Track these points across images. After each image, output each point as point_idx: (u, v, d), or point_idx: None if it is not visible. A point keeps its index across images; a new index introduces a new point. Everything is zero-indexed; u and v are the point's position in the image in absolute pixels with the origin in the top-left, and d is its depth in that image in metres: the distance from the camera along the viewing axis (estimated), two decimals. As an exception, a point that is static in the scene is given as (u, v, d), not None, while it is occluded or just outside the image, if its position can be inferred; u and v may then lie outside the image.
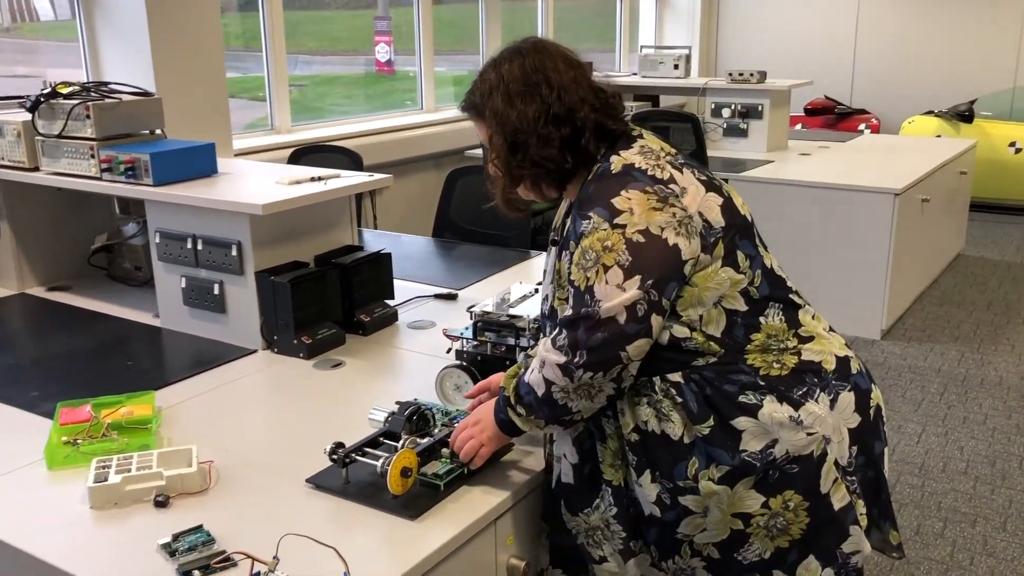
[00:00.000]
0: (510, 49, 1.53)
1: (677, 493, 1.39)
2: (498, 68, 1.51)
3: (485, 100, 1.51)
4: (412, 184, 5.09)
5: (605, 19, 7.66)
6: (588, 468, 1.48)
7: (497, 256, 2.91)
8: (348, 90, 6.09)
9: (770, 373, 1.38)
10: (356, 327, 2.19)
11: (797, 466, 1.36)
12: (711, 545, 1.40)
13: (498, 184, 1.53)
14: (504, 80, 1.48)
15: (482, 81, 1.53)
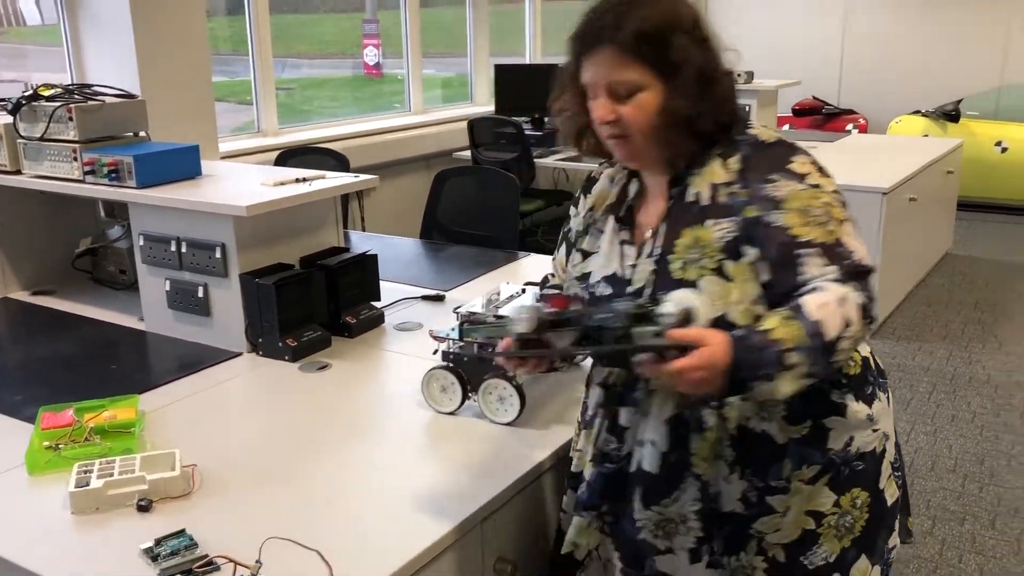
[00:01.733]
0: None
1: (766, 492, 1.38)
2: (649, 6, 1.35)
3: (652, 35, 1.34)
4: (401, 186, 5.08)
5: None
6: (675, 458, 1.40)
7: (485, 257, 2.90)
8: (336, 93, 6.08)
9: (848, 371, 1.39)
10: (342, 329, 2.17)
11: (863, 463, 1.39)
12: (779, 546, 1.39)
13: (638, 129, 1.36)
14: (682, 20, 1.36)
15: (640, 13, 1.36)
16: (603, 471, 1.47)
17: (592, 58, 1.35)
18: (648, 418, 1.42)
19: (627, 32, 1.33)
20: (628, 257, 1.42)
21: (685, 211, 1.37)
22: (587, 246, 1.49)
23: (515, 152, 5.04)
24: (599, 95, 1.37)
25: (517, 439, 1.67)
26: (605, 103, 1.36)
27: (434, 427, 1.73)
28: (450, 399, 1.76)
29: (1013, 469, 3.17)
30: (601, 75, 1.35)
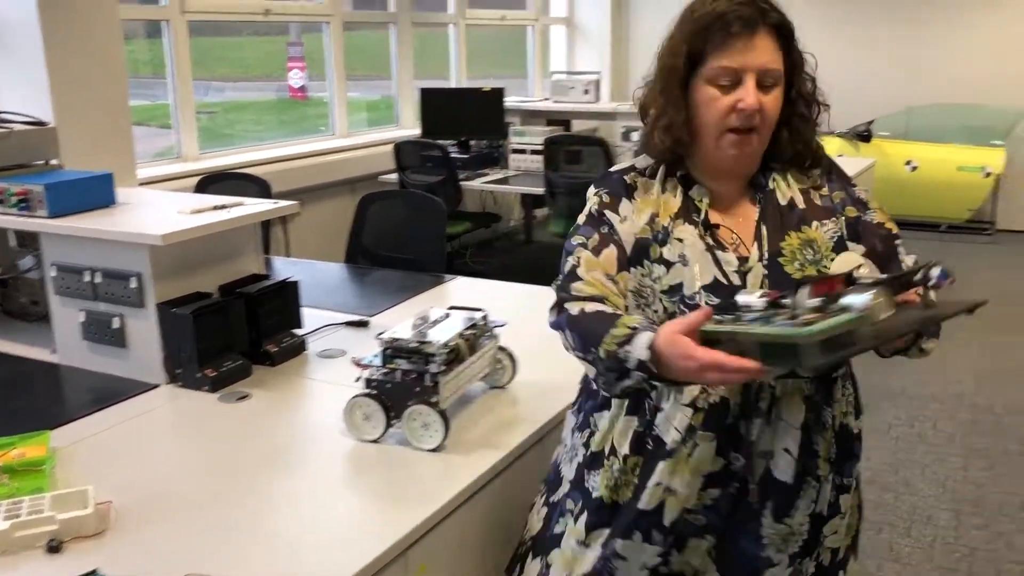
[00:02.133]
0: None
1: (841, 491, 1.43)
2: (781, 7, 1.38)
3: (792, 30, 1.38)
4: (326, 210, 5.04)
5: (517, 45, 7.74)
6: (803, 464, 1.38)
7: (411, 281, 2.89)
8: (260, 116, 6.02)
9: None
10: (263, 358, 2.14)
11: None
12: (829, 550, 1.45)
13: (770, 124, 1.37)
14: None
15: (781, 8, 1.38)
16: (729, 491, 1.39)
17: (749, 39, 1.31)
18: (780, 425, 1.38)
19: (781, 18, 1.36)
20: (729, 263, 1.36)
21: (782, 214, 1.41)
22: (668, 256, 1.38)
23: (441, 175, 5.06)
24: (744, 81, 1.32)
25: (442, 465, 1.66)
26: (755, 90, 1.32)
27: (357, 455, 1.71)
28: (373, 427, 1.75)
29: (926, 478, 3.28)
30: (757, 60, 1.32)
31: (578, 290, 1.37)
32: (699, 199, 1.41)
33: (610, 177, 1.46)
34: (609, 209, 1.42)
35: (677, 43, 1.36)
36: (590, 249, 1.39)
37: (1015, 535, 2.90)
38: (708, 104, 1.34)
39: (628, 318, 1.30)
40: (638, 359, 1.23)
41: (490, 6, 7.16)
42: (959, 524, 2.97)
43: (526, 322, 2.41)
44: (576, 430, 1.54)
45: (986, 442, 3.55)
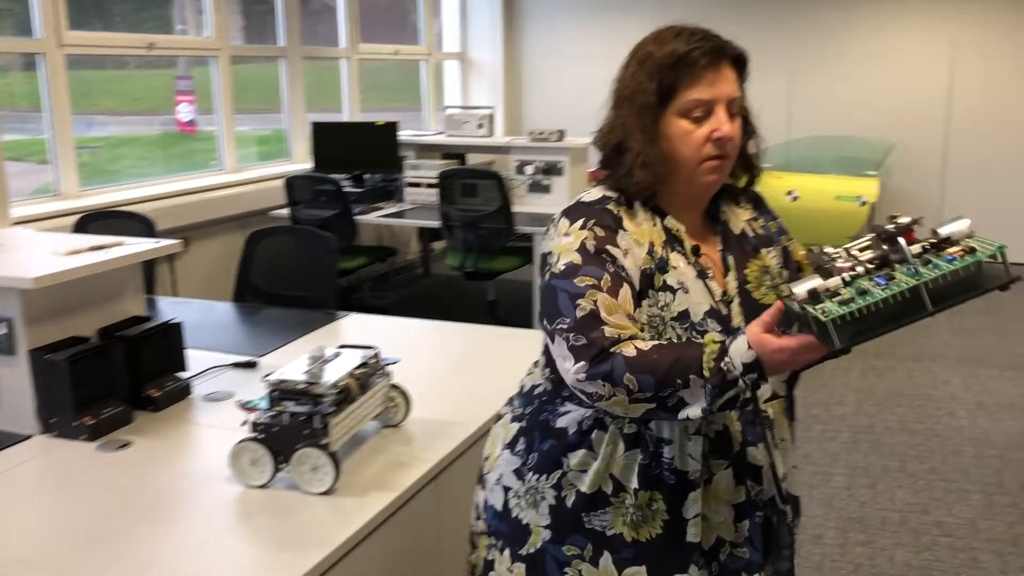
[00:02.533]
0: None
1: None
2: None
3: (747, 62, 1.44)
4: (215, 247, 4.92)
5: (411, 79, 7.77)
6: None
7: (302, 319, 2.84)
8: (147, 151, 5.84)
9: None
10: (145, 403, 2.06)
11: None
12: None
13: (737, 149, 1.44)
14: None
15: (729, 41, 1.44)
16: (756, 521, 1.44)
17: (716, 71, 1.38)
18: (781, 446, 1.48)
19: (737, 51, 1.42)
20: (715, 292, 1.42)
21: (740, 243, 1.50)
22: (671, 283, 1.39)
23: (335, 209, 5.00)
24: (716, 112, 1.38)
25: (334, 508, 1.63)
26: (729, 119, 1.39)
27: (245, 502, 1.66)
28: (261, 472, 1.71)
29: (813, 498, 3.39)
30: (727, 89, 1.39)
31: (613, 332, 1.29)
32: (676, 229, 1.44)
33: (593, 208, 1.41)
34: (609, 244, 1.37)
35: (643, 81, 1.40)
36: (605, 291, 1.32)
37: (896, 549, 3.02)
38: (683, 137, 1.39)
39: (708, 336, 1.34)
40: (743, 363, 1.23)
41: (383, 40, 7.18)
42: (845, 541, 3.08)
43: (420, 358, 2.40)
44: (530, 471, 1.46)
45: (867, 460, 3.70)
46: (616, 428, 1.40)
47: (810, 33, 7.49)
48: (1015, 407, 4.27)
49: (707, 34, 1.40)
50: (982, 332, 5.44)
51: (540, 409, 1.50)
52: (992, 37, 7.07)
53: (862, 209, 7.16)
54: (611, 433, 1.41)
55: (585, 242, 1.36)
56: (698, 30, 1.41)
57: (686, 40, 1.38)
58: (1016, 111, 7.10)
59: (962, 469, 3.61)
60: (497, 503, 1.51)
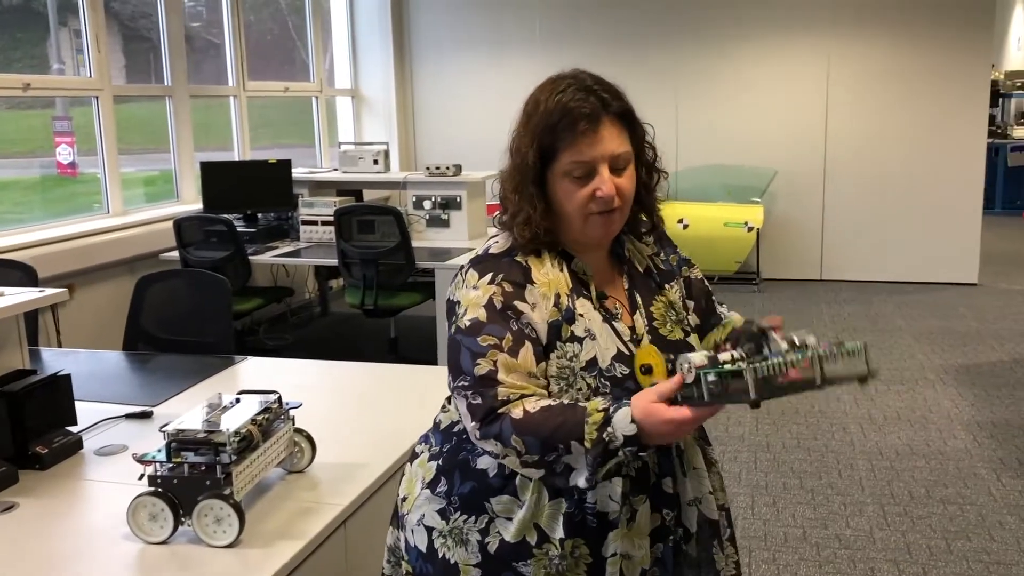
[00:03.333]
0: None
1: (729, 514, 1.64)
2: (614, 84, 1.46)
3: (633, 112, 1.45)
4: (102, 294, 4.72)
5: (303, 116, 7.68)
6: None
7: (197, 365, 2.74)
8: (24, 196, 5.59)
9: None
10: (31, 461, 1.95)
11: None
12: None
13: (629, 200, 1.45)
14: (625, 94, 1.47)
15: (620, 94, 1.44)
16: (670, 544, 1.47)
17: (595, 132, 1.37)
18: (693, 473, 1.50)
19: (622, 105, 1.42)
20: (623, 333, 1.43)
21: (644, 281, 1.52)
22: (578, 332, 1.40)
23: (228, 250, 4.88)
24: (599, 171, 1.38)
25: (239, 561, 1.57)
26: (610, 178, 1.38)
27: (145, 560, 1.59)
28: (160, 527, 1.63)
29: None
30: (608, 148, 1.39)
31: (504, 394, 1.33)
32: (582, 272, 1.47)
33: (500, 261, 1.43)
34: (516, 300, 1.38)
35: (526, 141, 1.40)
36: (506, 351, 1.35)
37: (799, 565, 3.10)
38: (568, 196, 1.40)
39: (592, 403, 1.31)
40: (624, 435, 1.26)
41: (270, 77, 7.08)
42: (750, 560, 3.14)
43: (322, 400, 2.35)
44: (456, 511, 1.44)
45: (767, 479, 3.80)
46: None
47: (695, 67, 7.77)
48: (901, 419, 4.47)
49: (590, 89, 1.40)
50: (867, 349, 5.68)
51: (459, 447, 1.48)
52: (864, 64, 7.47)
53: (749, 235, 7.43)
54: (535, 481, 1.39)
55: (492, 298, 1.38)
56: (585, 83, 1.41)
57: (571, 95, 1.38)
58: (884, 139, 7.51)
59: (857, 482, 3.75)
60: (421, 544, 1.49)
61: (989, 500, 3.53)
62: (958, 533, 3.28)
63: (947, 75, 7.28)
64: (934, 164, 7.42)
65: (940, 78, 7.30)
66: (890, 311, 6.67)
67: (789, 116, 7.68)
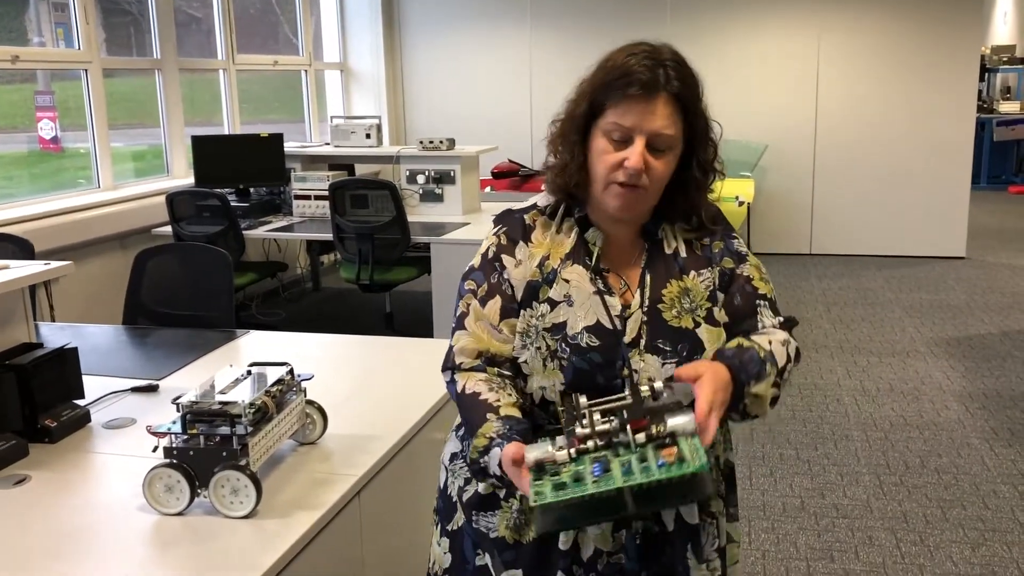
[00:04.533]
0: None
1: (731, 520, 1.56)
2: (694, 72, 1.42)
3: (694, 101, 1.41)
4: (94, 268, 4.69)
5: (292, 91, 7.61)
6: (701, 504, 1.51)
7: (199, 339, 2.73)
8: (8, 171, 5.53)
9: None
10: (41, 435, 1.94)
11: None
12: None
13: (658, 184, 1.40)
14: (701, 86, 1.43)
15: (691, 80, 1.40)
16: (634, 533, 1.44)
17: (643, 104, 1.34)
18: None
19: (683, 89, 1.37)
20: (613, 307, 1.41)
21: (665, 262, 1.46)
22: (554, 295, 1.42)
23: (221, 225, 4.84)
24: (635, 141, 1.35)
25: (256, 531, 1.57)
26: (643, 152, 1.35)
27: (161, 531, 1.58)
28: (177, 499, 1.63)
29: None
30: (650, 123, 1.35)
31: (461, 352, 1.45)
32: (593, 242, 1.46)
33: (511, 216, 1.51)
34: (505, 253, 1.47)
35: (584, 91, 1.41)
36: (478, 299, 1.46)
37: (798, 535, 3.14)
38: (599, 155, 1.39)
39: (487, 425, 1.36)
40: (493, 472, 1.34)
41: (260, 51, 7.01)
42: (750, 530, 3.17)
43: (325, 373, 2.35)
44: (461, 458, 1.54)
45: (764, 450, 3.84)
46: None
47: (687, 40, 7.67)
48: (894, 391, 4.51)
49: (661, 61, 1.37)
50: (858, 323, 5.73)
51: None
52: (855, 38, 7.47)
53: (740, 209, 7.43)
54: None
55: (490, 247, 1.49)
56: (659, 55, 1.38)
57: (638, 60, 1.36)
58: (875, 113, 7.52)
59: (852, 453, 3.79)
60: (440, 481, 1.61)
61: (982, 469, 3.58)
62: (953, 502, 3.33)
63: (937, 50, 7.30)
64: (923, 139, 7.45)
65: (930, 53, 7.32)
66: (880, 285, 6.72)
67: (780, 90, 7.67)
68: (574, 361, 1.39)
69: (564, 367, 1.40)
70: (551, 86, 8.08)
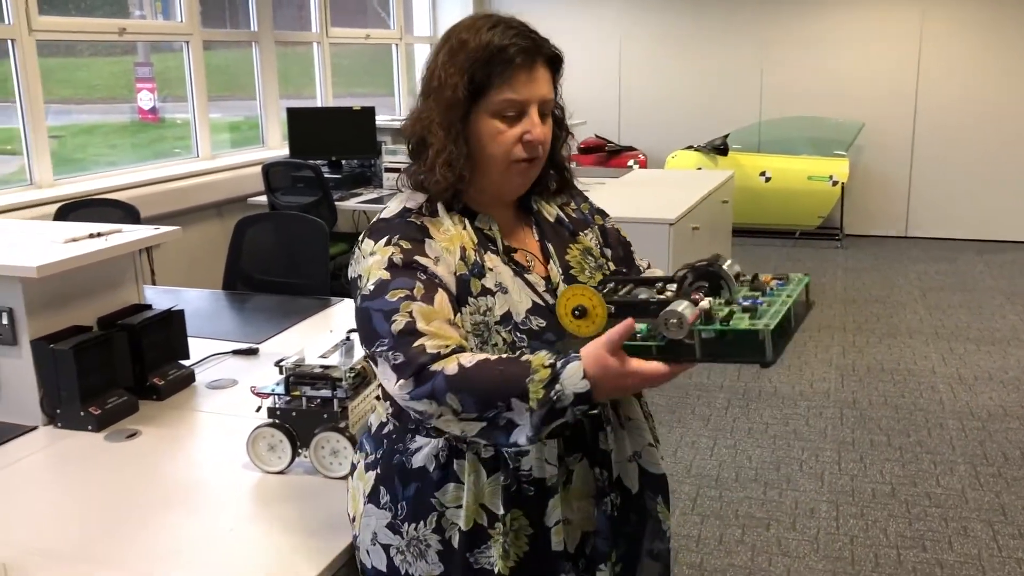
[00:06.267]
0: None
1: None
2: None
3: (563, 60, 1.39)
4: (192, 235, 4.84)
5: (382, 65, 7.69)
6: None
7: (295, 306, 2.81)
8: (111, 140, 5.73)
9: None
10: (149, 392, 2.03)
11: None
12: None
13: (546, 150, 1.39)
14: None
15: (547, 39, 1.37)
16: (604, 508, 1.38)
17: (527, 73, 1.31)
18: (630, 425, 1.44)
19: (554, 49, 1.36)
20: (538, 284, 1.37)
21: (555, 230, 1.46)
22: (489, 285, 1.33)
23: (315, 196, 4.94)
24: (529, 113, 1.32)
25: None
26: (541, 122, 1.33)
27: (263, 488, 1.64)
28: (279, 457, 1.69)
29: (805, 473, 3.43)
30: (539, 91, 1.33)
31: (433, 347, 1.22)
32: (488, 227, 1.39)
33: (392, 223, 1.35)
34: (416, 254, 1.30)
35: (453, 75, 1.30)
36: (419, 299, 1.25)
37: (888, 521, 3.07)
38: (493, 137, 1.32)
39: (535, 357, 1.19)
40: (575, 393, 1.15)
41: (348, 25, 7.09)
42: (839, 515, 3.12)
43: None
44: (404, 523, 1.34)
45: (854, 435, 3.76)
46: (472, 454, 1.31)
47: (781, 14, 7.54)
48: (993, 380, 4.35)
49: (524, 30, 1.33)
50: (955, 309, 5.54)
51: (391, 451, 1.37)
52: (959, 16, 7.16)
53: (833, 189, 7.25)
54: (470, 460, 1.31)
55: (392, 257, 1.29)
56: (515, 24, 1.33)
57: (501, 33, 1.30)
58: (980, 91, 7.21)
59: (947, 441, 3.68)
60: (380, 564, 1.37)
61: (1088, 464, 3.44)
62: (1055, 496, 3.21)
63: (1050, 24, 6.95)
64: (1032, 118, 7.12)
65: (1043, 27, 6.97)
66: (979, 270, 6.47)
67: (879, 67, 7.42)
68: (533, 347, 1.30)
69: None
70: (641, 63, 7.99)
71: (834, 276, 6.35)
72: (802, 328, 1.22)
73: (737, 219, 6.82)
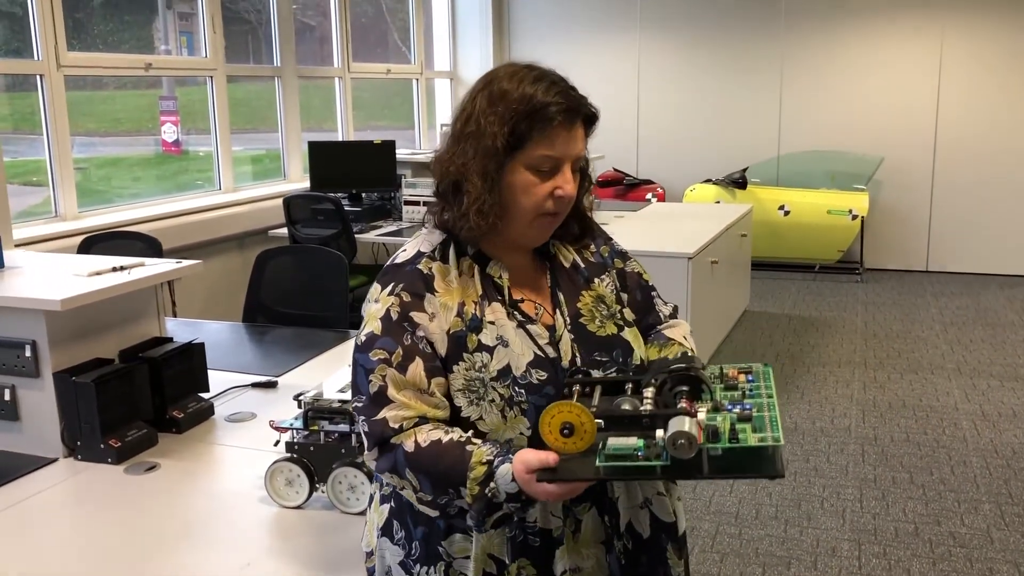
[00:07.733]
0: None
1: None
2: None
3: (598, 119, 1.40)
4: (214, 268, 4.88)
5: (403, 98, 7.77)
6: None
7: (315, 338, 2.82)
8: (134, 172, 5.81)
9: None
10: (169, 425, 2.04)
11: None
12: None
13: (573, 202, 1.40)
14: None
15: (587, 97, 1.39)
16: (616, 554, 1.37)
17: (566, 131, 1.32)
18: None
19: (592, 109, 1.37)
20: (541, 336, 1.34)
21: (569, 276, 1.45)
22: (487, 341, 1.32)
23: (335, 228, 4.98)
24: (562, 170, 1.33)
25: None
26: (572, 179, 1.35)
27: (281, 523, 1.64)
28: (296, 492, 1.69)
29: (826, 511, 3.39)
30: (575, 149, 1.34)
31: (395, 420, 1.27)
32: (498, 276, 1.38)
33: (402, 271, 1.35)
34: (413, 310, 1.31)
35: (493, 123, 1.30)
36: (395, 366, 1.28)
37: (912, 561, 3.02)
38: (526, 189, 1.32)
39: (477, 452, 1.23)
40: (507, 492, 1.21)
41: (369, 59, 7.18)
42: (860, 554, 3.07)
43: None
44: (416, 563, 1.35)
45: (876, 472, 3.71)
46: None
47: (801, 48, 7.57)
48: (1017, 416, 4.30)
49: (566, 87, 1.34)
50: (977, 344, 5.48)
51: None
52: (978, 51, 7.16)
53: (853, 223, 7.22)
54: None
55: (390, 309, 1.31)
56: (557, 80, 1.34)
57: (545, 89, 1.31)
58: (1001, 124, 7.19)
59: (971, 479, 3.63)
60: None
61: (1115, 504, 3.38)
62: (1082, 537, 3.15)
63: (1071, 59, 6.93)
64: (1054, 152, 7.08)
65: (1063, 62, 6.95)
66: (1001, 305, 6.41)
67: (898, 100, 7.42)
68: (532, 401, 1.29)
69: (526, 411, 1.29)
70: (659, 96, 8.03)
71: (854, 311, 6.31)
72: (822, 363, 1.22)
73: (756, 253, 6.82)
